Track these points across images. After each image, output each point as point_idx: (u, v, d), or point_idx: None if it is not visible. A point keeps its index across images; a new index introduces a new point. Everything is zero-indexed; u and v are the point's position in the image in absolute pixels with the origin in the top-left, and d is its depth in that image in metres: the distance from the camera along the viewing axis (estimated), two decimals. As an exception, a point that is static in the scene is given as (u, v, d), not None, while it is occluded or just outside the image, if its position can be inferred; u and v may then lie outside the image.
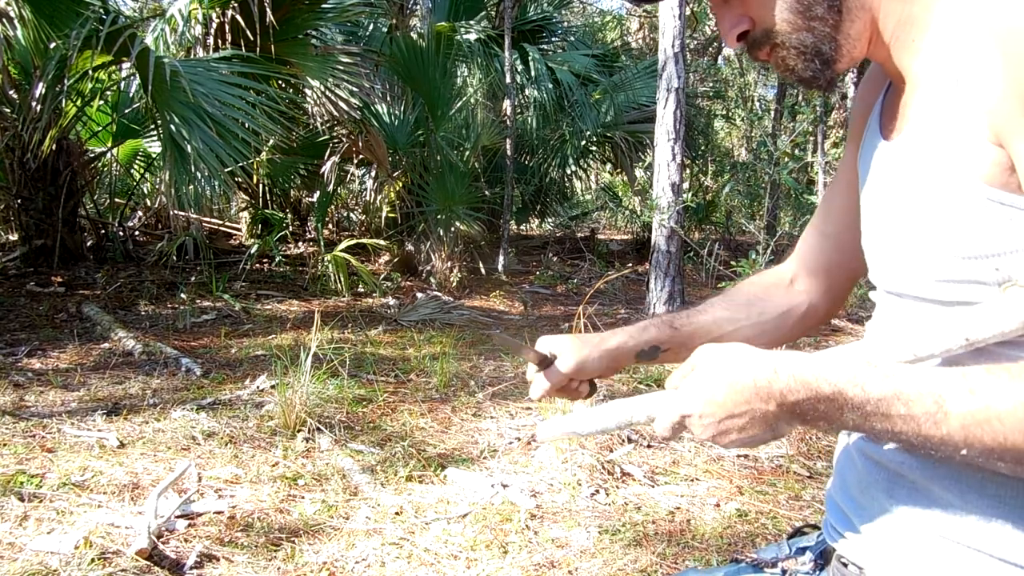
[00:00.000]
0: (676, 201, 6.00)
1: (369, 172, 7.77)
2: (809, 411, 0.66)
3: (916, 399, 0.63)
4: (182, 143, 5.29)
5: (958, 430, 0.62)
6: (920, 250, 0.73)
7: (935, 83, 0.72)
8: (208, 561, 2.11)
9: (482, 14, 9.46)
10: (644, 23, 13.71)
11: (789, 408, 0.67)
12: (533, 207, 9.97)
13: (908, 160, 0.74)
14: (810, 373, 0.66)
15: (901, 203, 0.75)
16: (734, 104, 11.34)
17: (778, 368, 0.67)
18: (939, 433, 0.63)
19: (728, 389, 0.68)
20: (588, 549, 2.25)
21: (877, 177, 0.81)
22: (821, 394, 0.66)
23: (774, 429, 0.69)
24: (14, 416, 3.16)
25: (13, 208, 6.22)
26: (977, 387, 0.62)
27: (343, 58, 6.84)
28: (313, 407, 3.18)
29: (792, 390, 0.66)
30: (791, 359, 0.68)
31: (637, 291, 7.15)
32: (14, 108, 5.88)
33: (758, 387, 0.67)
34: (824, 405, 0.66)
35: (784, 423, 0.68)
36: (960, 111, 0.68)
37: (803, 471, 2.89)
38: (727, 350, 0.71)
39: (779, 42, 0.77)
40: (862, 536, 0.81)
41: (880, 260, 0.82)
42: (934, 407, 0.63)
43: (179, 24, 6.58)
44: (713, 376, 0.70)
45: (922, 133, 0.73)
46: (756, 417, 0.68)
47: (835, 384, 0.65)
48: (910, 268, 0.75)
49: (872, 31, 0.76)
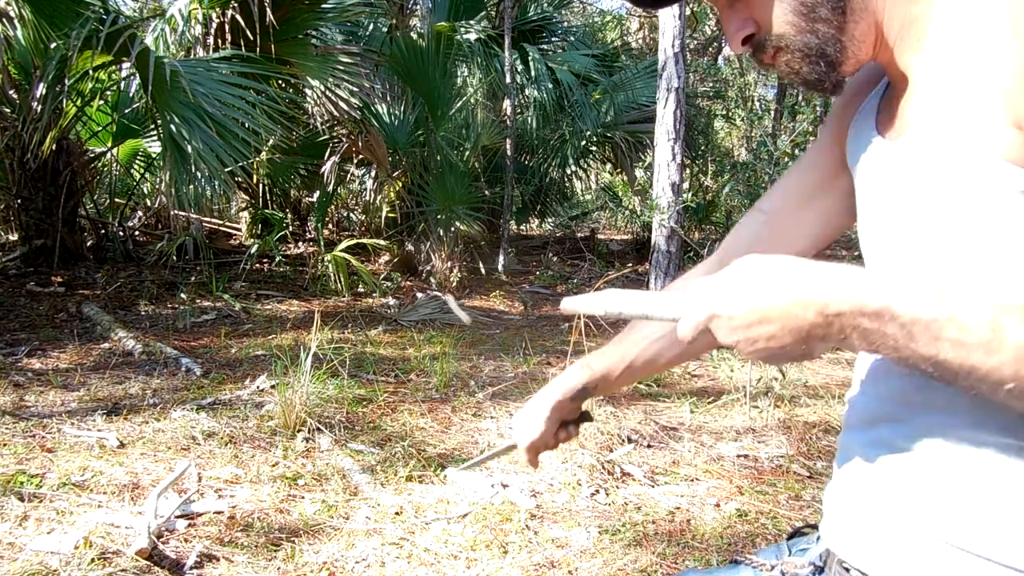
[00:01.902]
0: (676, 201, 6.00)
1: (369, 172, 7.77)
2: (849, 326, 0.62)
3: (973, 325, 0.59)
4: (182, 143, 5.29)
5: (1011, 361, 0.58)
6: (942, 249, 0.71)
7: (942, 81, 0.71)
8: (208, 561, 2.11)
9: (482, 14, 9.46)
10: (644, 23, 13.71)
11: (829, 320, 0.62)
12: (533, 207, 9.97)
13: (918, 159, 0.73)
14: (859, 283, 0.62)
15: (916, 204, 0.74)
16: (734, 104, 11.33)
17: (824, 275, 0.63)
18: (989, 363, 0.59)
19: (766, 291, 0.63)
20: (588, 549, 2.25)
21: (879, 178, 0.80)
22: (867, 308, 0.61)
23: (807, 344, 0.64)
24: (14, 416, 3.16)
25: (13, 208, 6.22)
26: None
27: (343, 58, 6.84)
28: (313, 407, 3.18)
29: (837, 299, 0.61)
30: (838, 269, 0.63)
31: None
32: (14, 108, 5.88)
33: (800, 292, 0.62)
34: (868, 320, 0.61)
35: (818, 340, 0.63)
36: (975, 100, 0.67)
37: (803, 471, 2.89)
38: (769, 257, 0.66)
39: (784, 45, 0.76)
40: (865, 540, 0.80)
41: (887, 260, 0.80)
42: (990, 334, 0.58)
43: (179, 24, 6.58)
44: (752, 277, 0.65)
45: (933, 132, 0.71)
46: (791, 326, 0.63)
47: (885, 298, 0.61)
48: (929, 267, 0.73)
49: (876, 32, 0.76)
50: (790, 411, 3.55)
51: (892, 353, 0.62)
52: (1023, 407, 0.61)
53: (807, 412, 3.54)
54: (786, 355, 0.65)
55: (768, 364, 1.13)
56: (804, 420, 3.44)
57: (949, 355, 0.60)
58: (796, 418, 3.45)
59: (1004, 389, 0.59)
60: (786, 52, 0.77)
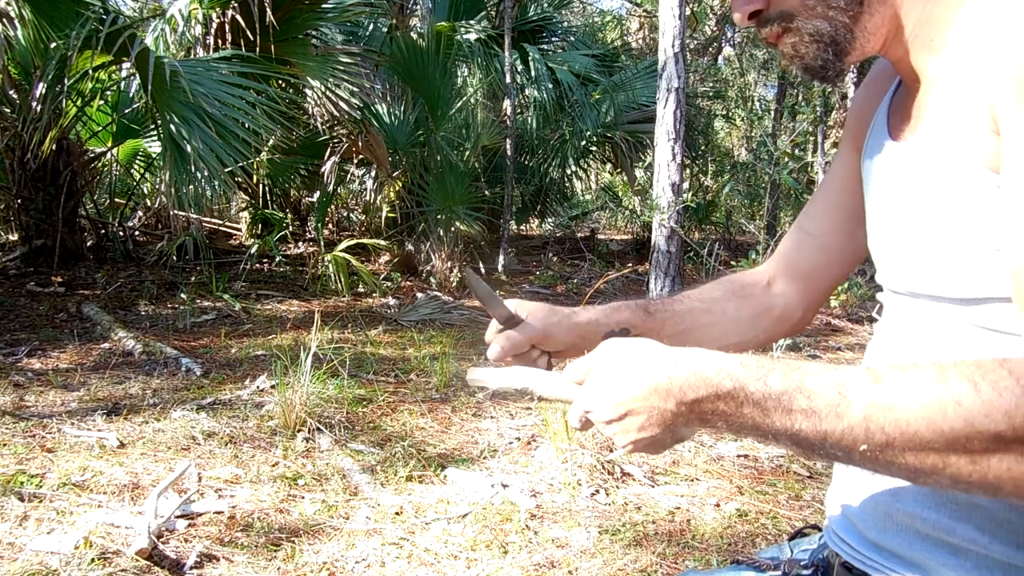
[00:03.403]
0: (676, 201, 6.00)
1: (369, 172, 7.77)
2: (709, 411, 0.63)
3: (819, 391, 0.60)
4: (182, 143, 5.29)
5: (860, 420, 0.58)
6: (939, 248, 0.72)
7: (953, 83, 0.71)
8: (208, 561, 2.11)
9: (482, 14, 9.46)
10: (644, 23, 13.71)
11: (688, 407, 0.63)
12: (533, 207, 9.97)
13: (924, 159, 0.73)
14: (711, 369, 0.63)
15: (918, 202, 0.74)
16: (734, 104, 11.33)
17: (679, 364, 0.64)
18: (840, 426, 0.59)
19: (627, 385, 0.65)
20: (588, 549, 2.25)
21: (887, 178, 0.80)
22: (721, 390, 0.62)
23: (673, 432, 0.66)
24: (14, 416, 3.16)
25: (13, 208, 6.22)
26: (884, 376, 0.59)
27: (343, 58, 6.84)
28: (313, 407, 3.18)
29: (692, 387, 0.63)
30: (694, 356, 0.65)
31: (637, 291, 7.15)
32: (14, 108, 5.88)
33: (657, 384, 0.64)
34: (724, 403, 0.62)
35: (683, 425, 0.65)
36: (971, 107, 0.68)
37: (803, 471, 2.89)
38: (629, 345, 0.68)
39: (794, 27, 0.75)
40: (867, 541, 0.80)
41: (893, 260, 0.80)
42: (837, 398, 0.59)
43: (179, 24, 6.58)
44: (613, 373, 0.67)
45: (938, 132, 0.72)
46: (655, 417, 0.65)
47: (737, 379, 0.62)
48: (928, 267, 0.73)
49: (890, 28, 0.75)
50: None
51: (753, 433, 0.63)
52: (879, 471, 0.61)
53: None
54: (659, 444, 0.68)
55: (648, 454, 1.13)
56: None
57: (802, 425, 0.60)
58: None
59: (859, 450, 0.59)
60: (794, 34, 0.76)
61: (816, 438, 0.60)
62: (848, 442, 0.59)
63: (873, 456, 0.59)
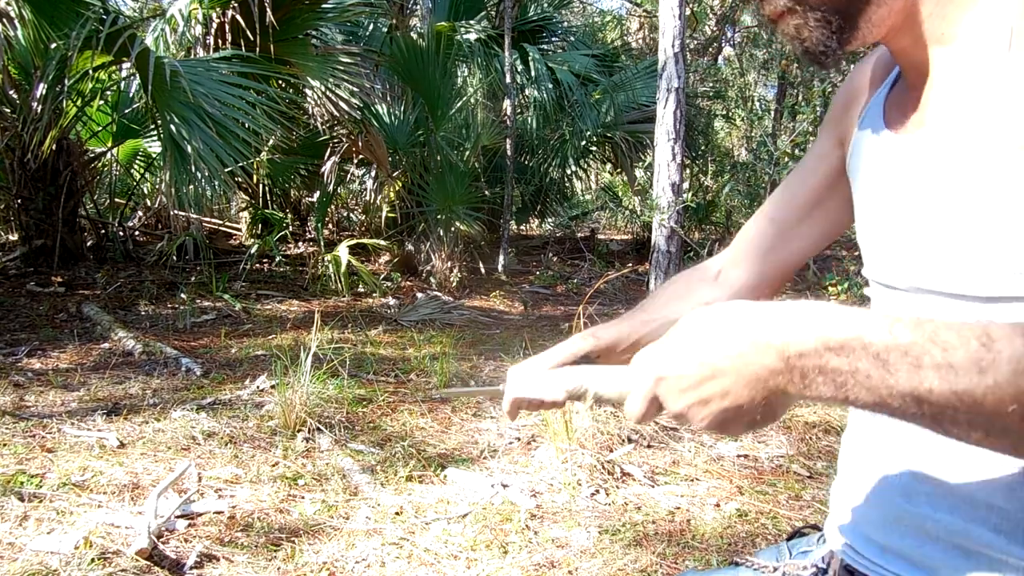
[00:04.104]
0: (676, 201, 6.00)
1: (369, 172, 7.77)
2: (814, 368, 0.54)
3: (958, 343, 0.51)
4: (182, 143, 5.29)
5: (1009, 376, 0.50)
6: (961, 244, 0.68)
7: (971, 77, 0.69)
8: (208, 561, 2.11)
9: (482, 14, 9.46)
10: (644, 23, 13.70)
11: (791, 363, 0.54)
12: (533, 207, 9.97)
13: (939, 151, 0.71)
14: (821, 316, 0.54)
15: (934, 196, 0.71)
16: (734, 104, 11.32)
17: (780, 312, 0.55)
18: (984, 384, 0.50)
19: (717, 341, 0.56)
20: (588, 549, 2.25)
21: (888, 171, 0.77)
22: (832, 341, 0.53)
23: (767, 400, 0.56)
24: (14, 416, 3.16)
25: (13, 208, 6.22)
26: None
27: (343, 58, 6.84)
28: (313, 407, 3.18)
29: (796, 337, 0.54)
30: (798, 304, 0.56)
31: (637, 291, 7.15)
32: (14, 108, 5.88)
33: (754, 336, 0.55)
34: (836, 356, 0.53)
35: (779, 392, 0.56)
36: (1007, 98, 0.65)
37: (803, 471, 2.89)
38: (717, 306, 0.59)
39: (799, 8, 0.72)
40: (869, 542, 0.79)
41: (895, 255, 0.77)
42: (981, 350, 0.50)
43: (179, 24, 6.58)
44: (699, 331, 0.57)
45: (956, 123, 0.69)
46: (747, 376, 0.55)
47: (854, 327, 0.53)
48: (946, 263, 0.70)
49: (900, 18, 0.72)
50: (790, 411, 3.55)
51: (866, 396, 0.54)
52: (1018, 444, 0.54)
53: (807, 412, 3.54)
54: (744, 416, 0.57)
55: (725, 435, 1.04)
56: (804, 420, 3.44)
57: (933, 383, 0.51)
58: (796, 418, 3.45)
59: (1007, 410, 0.51)
60: (798, 16, 0.73)
61: (952, 398, 0.51)
62: (992, 404, 0.50)
63: (1022, 418, 0.51)
